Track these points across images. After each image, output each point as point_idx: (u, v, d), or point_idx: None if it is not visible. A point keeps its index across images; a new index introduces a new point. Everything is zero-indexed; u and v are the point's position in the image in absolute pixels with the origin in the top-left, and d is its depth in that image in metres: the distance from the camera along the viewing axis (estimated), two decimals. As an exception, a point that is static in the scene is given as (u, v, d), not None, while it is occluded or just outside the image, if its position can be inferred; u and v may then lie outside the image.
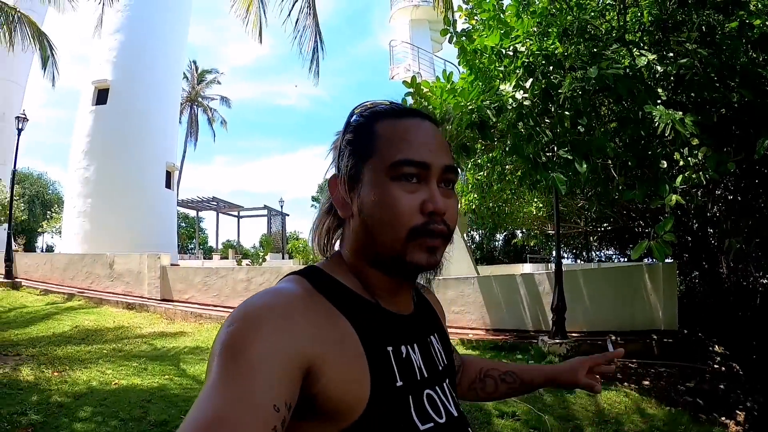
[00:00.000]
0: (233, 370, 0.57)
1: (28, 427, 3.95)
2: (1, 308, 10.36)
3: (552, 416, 4.36)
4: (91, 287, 12.78)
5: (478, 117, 5.83)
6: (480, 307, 8.50)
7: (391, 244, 0.73)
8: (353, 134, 0.79)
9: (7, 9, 11.44)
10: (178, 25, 19.61)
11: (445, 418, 0.75)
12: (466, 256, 14.11)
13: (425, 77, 12.21)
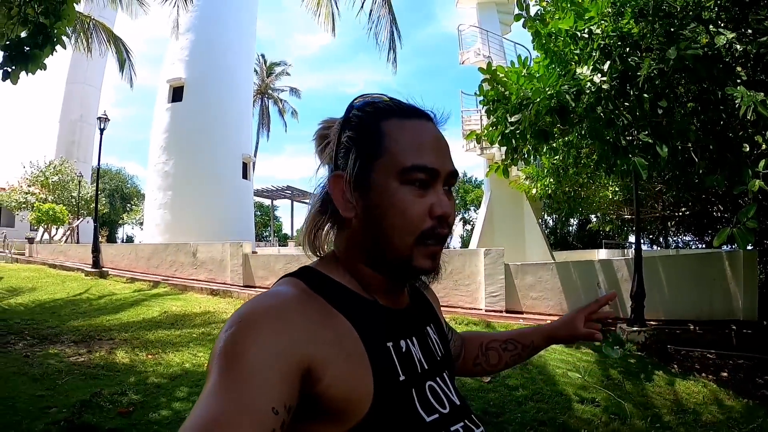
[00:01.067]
0: (231, 374, 0.58)
1: (129, 407, 4.11)
2: (91, 296, 11.07)
3: (631, 404, 4.32)
4: (176, 275, 13.48)
5: (557, 102, 5.76)
6: (558, 293, 8.40)
7: (399, 248, 0.73)
8: (357, 131, 0.77)
9: (83, 17, 12.02)
10: (246, 21, 20.28)
11: (449, 408, 0.76)
12: (541, 242, 13.91)
13: (496, 61, 12.08)
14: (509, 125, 6.23)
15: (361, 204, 0.74)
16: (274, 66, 42.73)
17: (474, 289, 8.97)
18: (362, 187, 0.74)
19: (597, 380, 5.09)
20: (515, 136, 6.33)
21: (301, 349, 0.62)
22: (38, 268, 15.87)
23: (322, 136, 0.81)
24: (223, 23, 19.10)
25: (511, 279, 8.67)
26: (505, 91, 6.32)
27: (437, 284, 3.17)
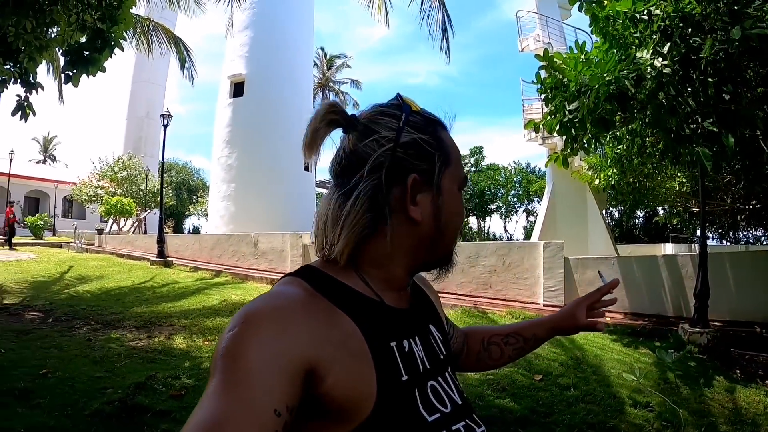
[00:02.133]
0: (234, 375, 0.58)
1: (181, 390, 4.24)
2: (155, 284, 11.60)
3: (686, 410, 4.06)
4: (237, 264, 13.90)
5: (616, 88, 5.48)
6: (619, 289, 7.97)
7: (451, 246, 0.82)
8: (429, 136, 0.78)
9: (143, 20, 12.59)
10: (303, 16, 20.46)
11: (451, 408, 0.76)
12: (604, 235, 13.40)
13: (556, 47, 11.66)
14: (568, 113, 6.03)
15: (430, 207, 0.76)
16: (334, 59, 43.08)
17: (532, 282, 8.74)
18: (436, 191, 0.77)
19: (653, 383, 4.83)
20: (574, 125, 6.10)
21: (305, 349, 0.62)
22: (107, 257, 16.85)
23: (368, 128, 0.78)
24: (280, 19, 19.35)
25: (571, 273, 8.39)
26: (564, 79, 6.11)
27: (497, 276, 7.29)
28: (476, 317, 7.62)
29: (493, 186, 42.74)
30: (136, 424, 3.58)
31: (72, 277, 12.70)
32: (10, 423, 3.48)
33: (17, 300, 9.35)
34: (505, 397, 4.39)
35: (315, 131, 0.76)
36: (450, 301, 8.67)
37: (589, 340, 6.33)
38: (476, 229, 45.43)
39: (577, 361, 5.48)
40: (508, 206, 44.18)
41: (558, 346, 6.08)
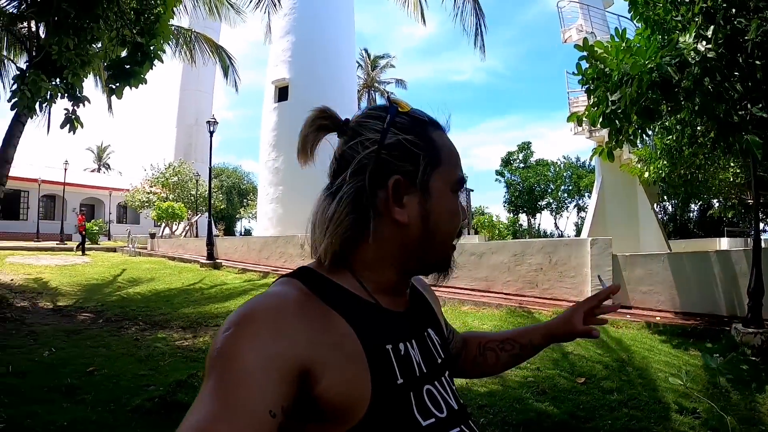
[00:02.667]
0: (229, 376, 0.58)
1: None
2: (204, 285, 11.91)
3: (735, 417, 3.78)
4: (285, 266, 14.05)
5: (659, 76, 5.23)
6: (670, 287, 7.64)
7: (445, 249, 0.80)
8: (417, 137, 0.77)
9: (184, 31, 13.18)
10: (343, 18, 20.58)
11: (446, 413, 0.75)
12: (656, 230, 12.88)
13: (599, 36, 11.30)
14: (610, 104, 5.80)
15: (418, 209, 0.75)
16: (378, 59, 43.19)
17: (580, 281, 8.43)
18: (423, 192, 0.75)
19: (702, 388, 4.55)
20: (618, 116, 5.87)
21: (300, 351, 0.62)
22: (158, 260, 17.52)
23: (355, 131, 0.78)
24: (321, 22, 19.53)
25: (620, 271, 8.04)
26: (605, 68, 5.86)
27: (543, 275, 7.15)
28: (522, 317, 7.43)
29: (542, 182, 41.88)
30: (173, 421, 3.53)
31: (124, 279, 13.26)
32: (54, 417, 3.66)
33: (71, 302, 9.79)
34: (545, 401, 4.24)
35: (304, 138, 0.78)
36: (495, 300, 8.52)
37: (636, 341, 6.07)
38: (526, 226, 44.63)
39: (623, 363, 5.24)
40: (559, 202, 43.17)
41: (603, 347, 5.85)
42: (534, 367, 5.09)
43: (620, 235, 12.89)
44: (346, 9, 20.88)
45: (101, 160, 58.45)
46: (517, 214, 44.26)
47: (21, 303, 9.33)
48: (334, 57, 19.58)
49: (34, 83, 5.92)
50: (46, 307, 9.17)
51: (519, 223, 44.12)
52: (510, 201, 43.69)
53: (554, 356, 5.49)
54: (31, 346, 6.05)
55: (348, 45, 21.03)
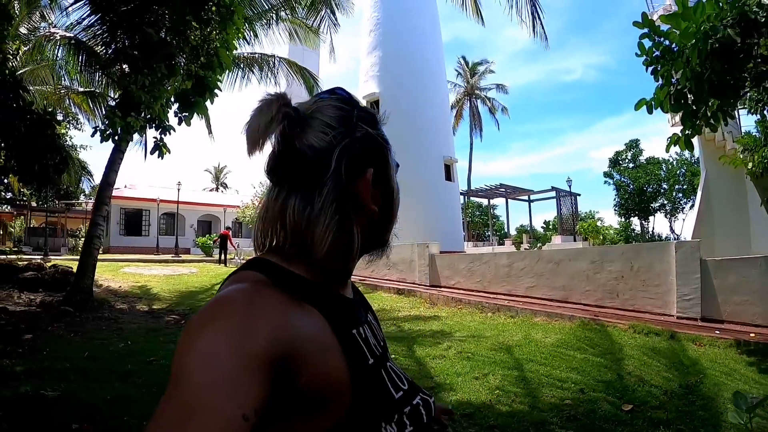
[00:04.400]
0: (196, 378, 0.53)
1: None
2: None
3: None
4: (372, 275, 14.29)
5: (716, 42, 4.36)
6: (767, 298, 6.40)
7: (390, 229, 0.84)
8: (378, 131, 0.81)
9: (267, 57, 14.23)
10: (428, 28, 20.51)
11: (407, 385, 0.80)
12: (766, 230, 11.20)
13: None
14: (677, 84, 4.99)
15: (381, 198, 0.78)
16: (476, 66, 42.60)
17: (665, 291, 7.35)
18: (384, 182, 0.79)
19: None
20: (685, 96, 5.02)
21: (278, 346, 0.59)
22: (254, 272, 18.08)
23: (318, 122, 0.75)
24: (406, 35, 19.60)
25: (710, 278, 6.84)
26: (672, 45, 5.03)
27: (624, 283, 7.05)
28: (594, 331, 6.58)
29: (654, 182, 38.83)
30: None
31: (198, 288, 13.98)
32: (103, 393, 4.24)
33: (164, 306, 10.64)
34: (571, 428, 3.60)
35: (268, 123, 0.71)
36: (569, 311, 7.70)
37: (717, 362, 5.09)
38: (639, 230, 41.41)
39: (689, 389, 4.35)
40: (673, 203, 39.65)
41: (673, 368, 4.97)
42: (578, 389, 4.43)
43: (728, 237, 11.38)
44: (430, 19, 20.87)
45: (218, 180, 62.94)
46: (628, 218, 41.28)
47: (121, 305, 10.22)
48: (422, 67, 19.66)
49: (110, 119, 6.95)
50: (141, 310, 9.96)
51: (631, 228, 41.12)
52: (620, 204, 41.09)
53: (607, 377, 4.74)
54: (113, 339, 6.77)
55: (435, 54, 20.94)
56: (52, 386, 4.32)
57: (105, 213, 9.85)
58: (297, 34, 14.27)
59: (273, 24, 13.05)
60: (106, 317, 8.67)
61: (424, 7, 20.47)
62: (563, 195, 28.55)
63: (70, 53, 9.96)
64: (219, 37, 7.06)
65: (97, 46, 8.82)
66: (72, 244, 31.19)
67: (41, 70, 12.53)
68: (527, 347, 5.98)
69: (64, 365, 5.11)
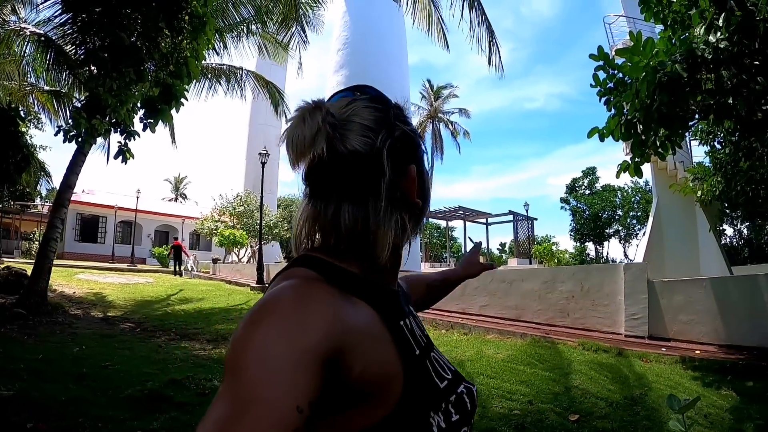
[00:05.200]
0: (252, 370, 0.54)
1: (206, 390, 4.72)
2: (246, 306, 12.13)
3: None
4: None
5: (664, 75, 4.66)
6: (714, 316, 6.68)
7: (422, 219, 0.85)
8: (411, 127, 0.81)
9: (235, 70, 14.20)
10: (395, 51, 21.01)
11: (450, 374, 0.80)
12: (717, 254, 11.71)
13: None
14: (627, 114, 5.28)
15: (420, 191, 0.80)
16: (441, 89, 43.22)
17: (613, 310, 7.64)
18: (422, 175, 0.80)
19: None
20: (634, 126, 5.31)
21: (330, 340, 0.60)
22: (216, 283, 18.12)
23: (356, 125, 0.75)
24: (373, 56, 19.95)
25: (657, 298, 7.17)
26: (624, 77, 5.34)
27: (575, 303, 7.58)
28: (544, 348, 6.79)
29: (609, 208, 40.21)
30: (153, 408, 4.11)
31: (176, 298, 13.90)
32: (57, 393, 4.28)
33: (119, 313, 10.57)
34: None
35: (315, 135, 0.70)
36: (521, 329, 7.91)
37: (662, 377, 5.33)
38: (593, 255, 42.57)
39: (633, 401, 4.57)
40: (628, 229, 40.97)
41: (619, 382, 5.18)
42: (526, 401, 4.59)
43: (678, 260, 11.84)
44: (398, 41, 21.35)
45: (178, 191, 61.72)
46: (583, 243, 42.43)
47: (75, 311, 10.14)
48: (387, 88, 19.14)
49: (75, 120, 6.93)
50: (96, 316, 9.91)
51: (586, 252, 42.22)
52: (576, 229, 42.26)
53: (555, 389, 4.92)
54: (67, 343, 6.74)
55: (401, 76, 21.33)
56: (5, 386, 4.32)
57: (63, 215, 9.66)
58: (266, 49, 14.34)
59: (243, 37, 13.04)
60: (60, 322, 8.60)
61: (393, 30, 20.86)
62: (520, 219, 29.14)
63: (39, 50, 9.77)
64: (189, 47, 7.08)
65: (66, 46, 8.72)
66: (25, 248, 30.16)
67: (7, 65, 12.24)
68: (479, 362, 6.13)
69: (18, 366, 5.10)
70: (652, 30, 12.59)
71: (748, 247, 20.09)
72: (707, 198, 8.96)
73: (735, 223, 18.89)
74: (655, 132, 5.28)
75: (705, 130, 8.78)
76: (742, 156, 7.47)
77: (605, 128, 5.49)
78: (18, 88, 13.50)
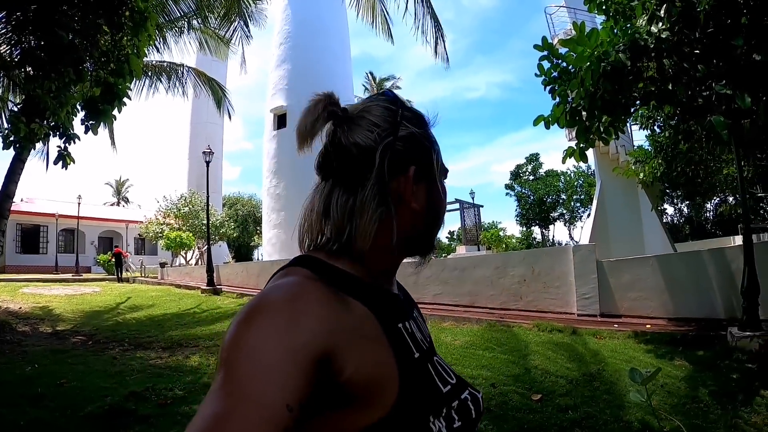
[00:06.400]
0: (243, 368, 0.55)
1: (168, 400, 4.64)
2: (198, 310, 11.93)
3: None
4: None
5: (608, 65, 4.83)
6: (661, 292, 7.05)
7: (435, 232, 0.83)
8: (424, 130, 0.82)
9: (175, 66, 13.78)
10: (337, 44, 20.92)
11: (455, 379, 0.80)
12: (660, 232, 12.24)
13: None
14: (572, 102, 5.42)
15: (425, 196, 0.78)
16: (383, 81, 43.31)
17: (565, 291, 7.92)
18: (428, 182, 0.79)
19: (678, 402, 4.05)
20: (579, 113, 5.47)
21: (322, 340, 0.60)
22: (165, 288, 17.68)
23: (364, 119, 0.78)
24: (315, 50, 19.83)
25: (606, 278, 7.48)
26: (568, 66, 5.49)
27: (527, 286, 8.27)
28: (500, 332, 6.94)
29: (553, 193, 41.28)
30: (115, 425, 4.04)
31: (126, 306, 13.42)
32: (16, 417, 4.14)
33: (68, 326, 10.11)
34: (485, 420, 3.81)
35: (314, 122, 0.75)
36: (476, 315, 8.08)
37: (616, 352, 5.56)
38: (540, 238, 43.75)
39: (591, 377, 4.75)
40: (572, 212, 42.21)
41: (575, 360, 5.38)
42: (489, 384, 4.70)
43: (623, 240, 12.32)
44: (340, 34, 21.25)
45: (120, 194, 59.65)
46: (529, 227, 43.54)
47: (23, 328, 9.69)
48: (330, 82, 19.72)
49: (14, 125, 6.57)
50: (45, 332, 9.48)
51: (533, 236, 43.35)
52: (521, 214, 43.23)
53: (515, 371, 5.06)
54: (17, 362, 6.51)
55: (344, 69, 21.27)
56: (-43, 417, 4.14)
57: (4, 227, 9.18)
58: (207, 44, 14.04)
59: (184, 32, 12.75)
60: (9, 340, 8.23)
61: (335, 23, 20.76)
62: (467, 207, 29.52)
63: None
64: (130, 44, 6.81)
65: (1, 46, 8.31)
66: (-37, 262, 28.65)
67: (-67, 70, 11.55)
68: (438, 350, 6.20)
69: (-34, 392, 4.90)
70: (593, 20, 12.99)
71: (689, 225, 21.07)
72: (649, 179, 9.34)
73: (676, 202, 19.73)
74: (599, 119, 5.46)
75: (645, 115, 9.13)
76: (681, 139, 7.83)
77: (550, 116, 5.63)
78: (-54, 93, 12.73)
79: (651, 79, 4.89)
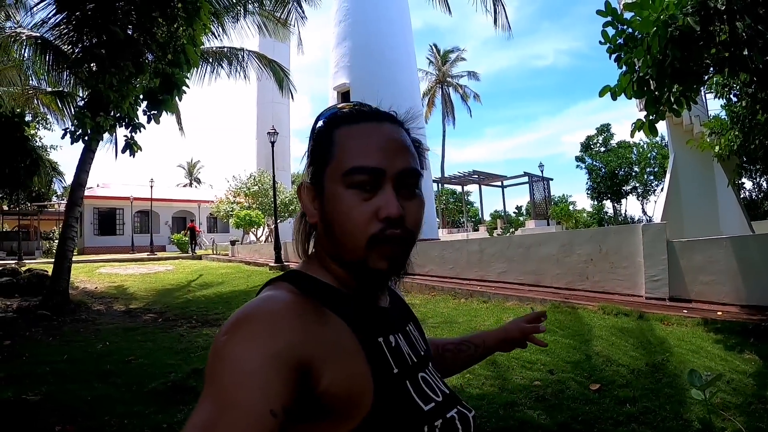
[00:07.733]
0: (229, 377, 0.58)
1: None
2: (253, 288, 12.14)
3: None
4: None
5: (677, 29, 4.47)
6: (734, 276, 6.57)
7: (353, 251, 0.72)
8: (314, 142, 0.79)
9: (236, 51, 14.07)
10: (397, 18, 20.55)
11: (442, 397, 0.78)
12: (737, 210, 11.47)
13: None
14: (639, 71, 5.08)
15: (320, 210, 0.76)
16: (448, 53, 42.55)
17: (633, 272, 7.55)
18: (319, 194, 0.75)
19: (744, 402, 3.77)
20: (647, 83, 5.12)
21: (299, 350, 0.62)
22: (235, 265, 18.21)
23: None
24: (376, 25, 19.65)
25: (677, 259, 7.04)
26: (635, 32, 5.14)
27: (593, 266, 7.81)
28: (564, 313, 6.72)
29: (625, 165, 39.46)
30: (177, 401, 4.20)
31: (197, 284, 14.09)
32: (84, 393, 4.38)
33: (141, 305, 10.74)
34: (539, 408, 3.72)
35: None
36: (540, 295, 7.87)
37: (684, 341, 5.25)
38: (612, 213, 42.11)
39: (655, 368, 4.50)
40: (645, 186, 40.30)
41: (640, 348, 5.12)
42: (546, 370, 4.57)
43: (697, 217, 11.61)
44: (399, 7, 20.86)
45: (192, 175, 62.45)
46: (601, 201, 41.95)
47: (98, 307, 10.32)
48: (392, 57, 19.62)
49: (80, 120, 6.98)
50: (119, 310, 10.08)
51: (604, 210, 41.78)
52: (592, 188, 41.65)
53: (576, 358, 4.88)
54: (91, 341, 6.90)
55: (406, 43, 20.95)
56: (33, 390, 4.42)
57: (77, 214, 9.79)
58: (266, 27, 14.16)
59: (241, 17, 12.93)
60: (84, 319, 8.74)
61: (395, 0, 20.40)
62: (536, 180, 28.80)
63: (37, 53, 9.83)
64: (185, 34, 7.00)
65: (63, 46, 8.73)
66: (46, 247, 30.78)
67: (8, 71, 12.31)
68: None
69: (44, 369, 5.21)
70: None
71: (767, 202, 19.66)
72: (725, 153, 8.72)
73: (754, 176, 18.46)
74: (669, 88, 5.08)
75: (720, 83, 8.49)
76: (759, 108, 7.23)
77: (617, 86, 5.28)
78: (21, 93, 13.59)
79: (723, 44, 4.49)
